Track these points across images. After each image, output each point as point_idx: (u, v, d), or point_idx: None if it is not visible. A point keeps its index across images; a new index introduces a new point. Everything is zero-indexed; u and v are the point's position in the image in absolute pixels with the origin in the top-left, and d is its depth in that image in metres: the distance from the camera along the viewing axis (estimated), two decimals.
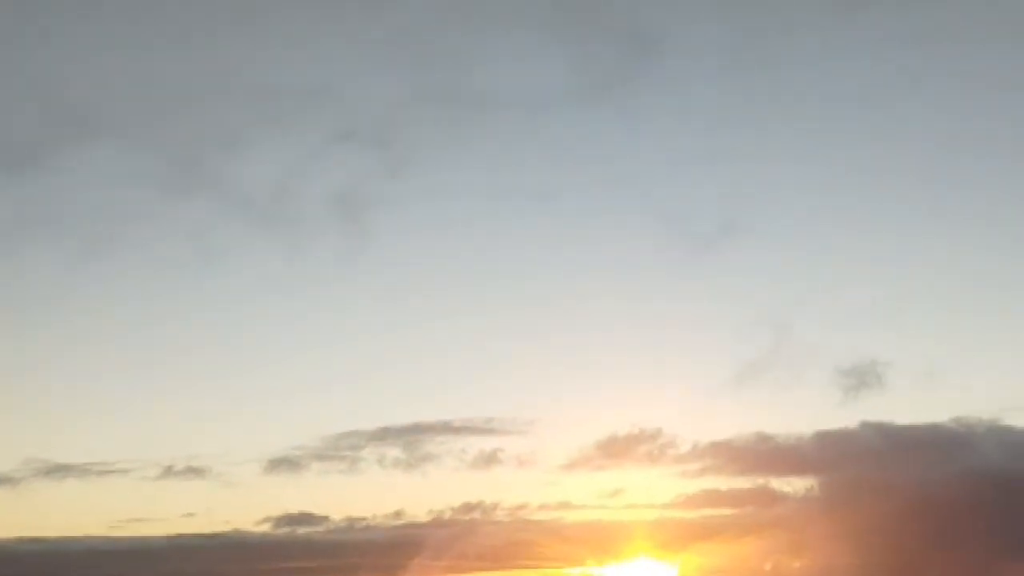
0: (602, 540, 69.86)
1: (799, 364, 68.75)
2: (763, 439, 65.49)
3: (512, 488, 74.05)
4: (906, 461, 58.16)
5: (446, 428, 75.57)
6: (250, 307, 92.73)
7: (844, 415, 75.46)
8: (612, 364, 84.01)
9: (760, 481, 65.00)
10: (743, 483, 65.75)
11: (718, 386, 76.02)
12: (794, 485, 63.86)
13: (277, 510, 76.07)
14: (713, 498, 66.85)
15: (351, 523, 76.42)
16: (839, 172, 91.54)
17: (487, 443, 76.45)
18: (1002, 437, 58.98)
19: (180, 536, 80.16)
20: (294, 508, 76.28)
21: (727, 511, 66.63)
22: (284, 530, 75.83)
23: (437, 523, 71.27)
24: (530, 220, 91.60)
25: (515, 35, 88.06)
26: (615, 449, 70.32)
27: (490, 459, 73.79)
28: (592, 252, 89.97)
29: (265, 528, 75.92)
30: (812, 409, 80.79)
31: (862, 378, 63.82)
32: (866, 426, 61.75)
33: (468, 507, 71.05)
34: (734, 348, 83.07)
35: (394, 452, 74.80)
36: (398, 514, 74.36)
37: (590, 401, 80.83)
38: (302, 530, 75.91)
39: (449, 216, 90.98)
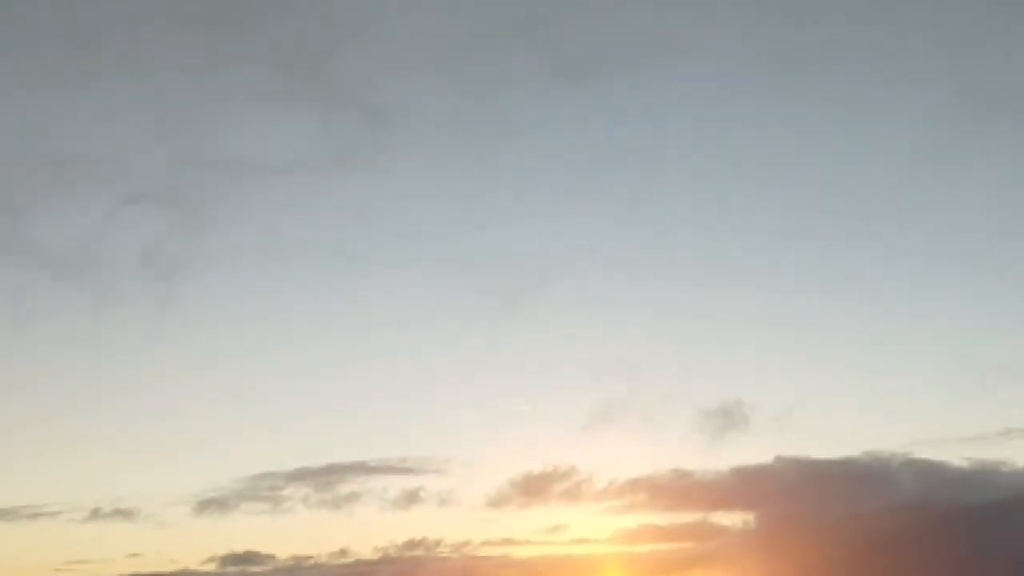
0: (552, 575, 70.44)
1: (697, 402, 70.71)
2: (682, 475, 65.80)
3: (449, 525, 74.64)
4: (830, 494, 58.29)
5: (362, 468, 76.05)
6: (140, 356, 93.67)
7: (760, 451, 75.72)
8: (508, 405, 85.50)
9: (699, 515, 64.60)
10: (684, 517, 65.47)
11: (620, 426, 75.27)
12: (732, 519, 63.66)
13: (219, 549, 76.45)
14: (655, 533, 66.53)
15: (298, 561, 76.03)
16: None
17: (406, 482, 76.46)
18: (918, 470, 59.68)
19: None
20: (237, 547, 76.53)
21: (670, 545, 66.54)
22: (232, 569, 75.96)
23: (385, 560, 71.39)
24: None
25: (266, 107, 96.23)
26: (535, 486, 70.86)
27: (412, 498, 74.21)
28: (403, 305, 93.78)
29: (212, 567, 76.09)
30: (727, 445, 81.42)
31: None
32: (781, 461, 61.86)
33: (412, 544, 71.26)
34: (619, 388, 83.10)
35: (317, 492, 75.82)
36: (344, 552, 74.16)
37: (500, 440, 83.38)
38: (252, 569, 76.01)
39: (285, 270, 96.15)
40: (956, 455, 63.67)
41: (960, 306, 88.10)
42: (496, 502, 71.11)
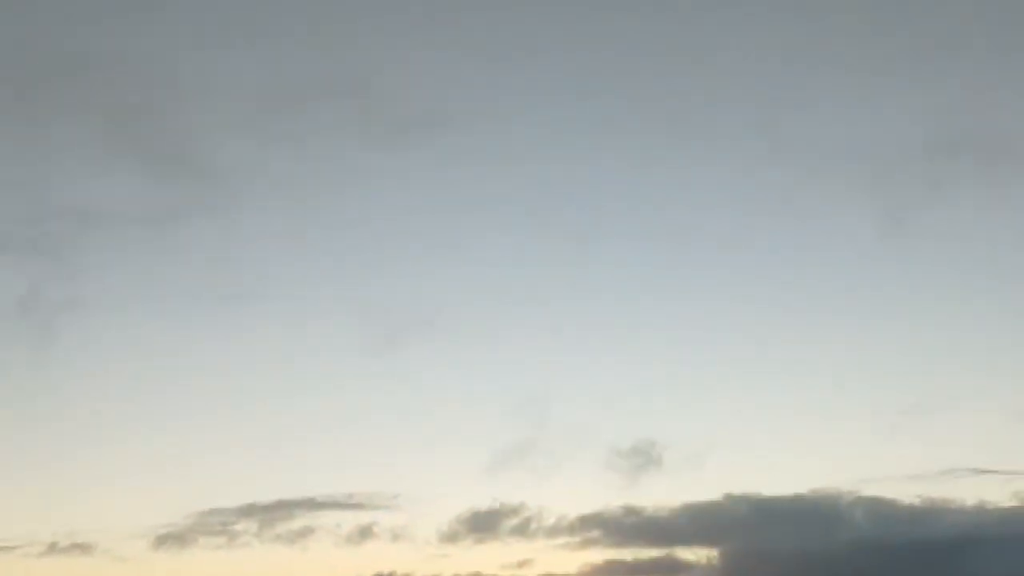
0: None
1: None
2: (632, 511, 67.32)
3: (406, 560, 74.12)
4: (786, 531, 60.26)
5: (310, 504, 76.84)
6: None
7: (706, 488, 77.80)
8: (449, 442, 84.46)
9: (663, 551, 65.63)
10: (647, 553, 66.36)
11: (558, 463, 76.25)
12: (697, 554, 64.61)
13: None
14: (622, 568, 67.29)
15: None
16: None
17: (357, 518, 76.73)
18: (869, 507, 61.62)
19: None
20: None
21: None
22: None
23: None
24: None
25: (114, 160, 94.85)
26: (487, 522, 71.86)
27: (365, 533, 74.98)
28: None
29: None
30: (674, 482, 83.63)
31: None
32: (730, 498, 63.74)
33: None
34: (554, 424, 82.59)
35: (269, 527, 76.33)
36: None
37: (444, 477, 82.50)
38: None
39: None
40: (904, 493, 64.92)
41: (894, 347, 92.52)
42: (451, 537, 71.97)
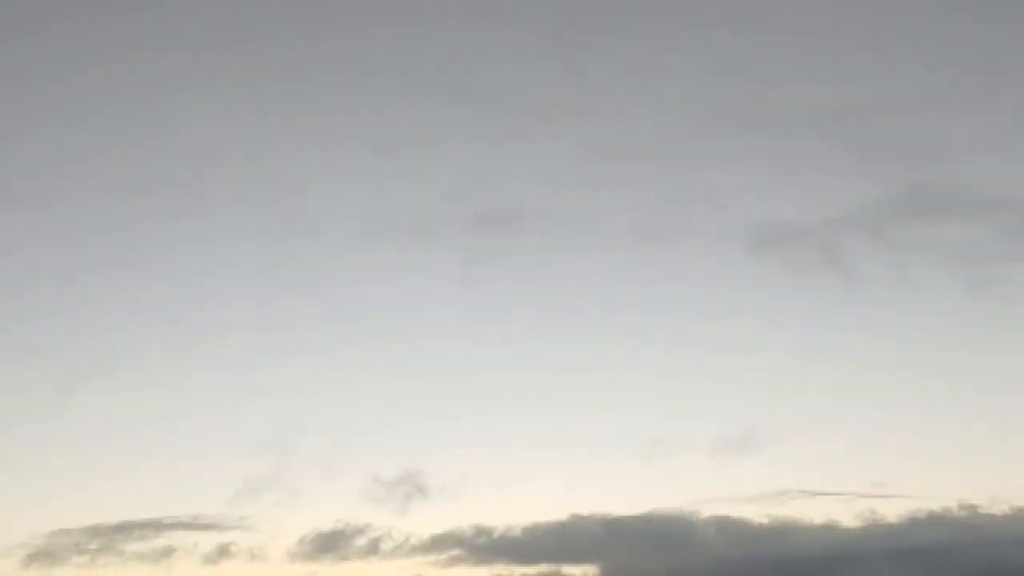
0: None
1: None
2: (482, 531, 69.13)
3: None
4: (638, 549, 62.59)
5: (157, 524, 77.33)
6: None
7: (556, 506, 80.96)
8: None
9: (544, 568, 66.21)
10: (528, 570, 67.13)
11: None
12: (582, 569, 65.26)
13: None
14: None
15: None
16: None
17: (211, 538, 77.20)
18: (720, 526, 63.58)
19: None
20: None
21: None
22: None
23: None
24: None
25: None
26: (341, 542, 72.91)
27: (223, 552, 75.33)
28: None
29: None
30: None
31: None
32: (576, 517, 65.89)
33: None
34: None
35: (128, 547, 76.16)
36: None
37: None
38: None
39: None
40: (750, 513, 66.47)
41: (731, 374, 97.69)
42: (309, 557, 72.01)
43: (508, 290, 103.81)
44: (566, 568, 65.34)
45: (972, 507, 60.88)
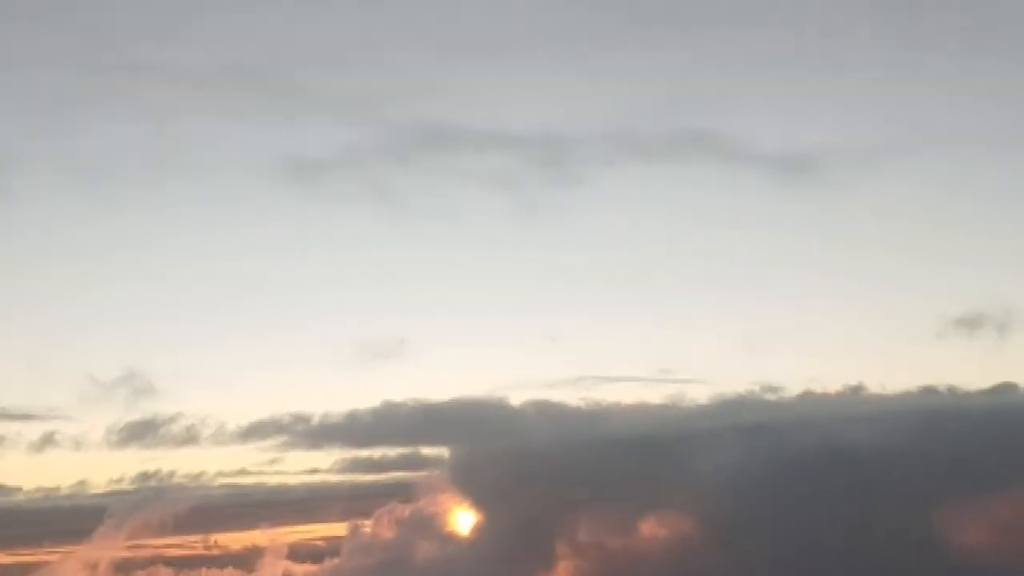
0: (287, 505, 77.68)
1: None
2: (300, 419, 70.86)
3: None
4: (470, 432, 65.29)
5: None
6: None
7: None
8: None
9: (409, 449, 69.97)
10: (398, 451, 70.35)
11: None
12: (440, 452, 69.15)
13: None
14: (370, 464, 71.66)
15: (47, 494, 79.91)
16: None
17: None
18: (541, 409, 66.32)
19: None
20: None
21: (389, 475, 72.53)
22: None
23: (121, 493, 74.07)
24: None
25: None
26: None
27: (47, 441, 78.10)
28: None
29: None
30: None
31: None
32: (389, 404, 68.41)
33: (145, 476, 73.70)
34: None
35: None
36: (83, 484, 77.95)
37: None
38: None
39: None
40: (566, 397, 71.90)
41: None
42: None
43: None
44: (424, 449, 68.79)
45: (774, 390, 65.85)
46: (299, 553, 72.90)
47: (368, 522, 68.75)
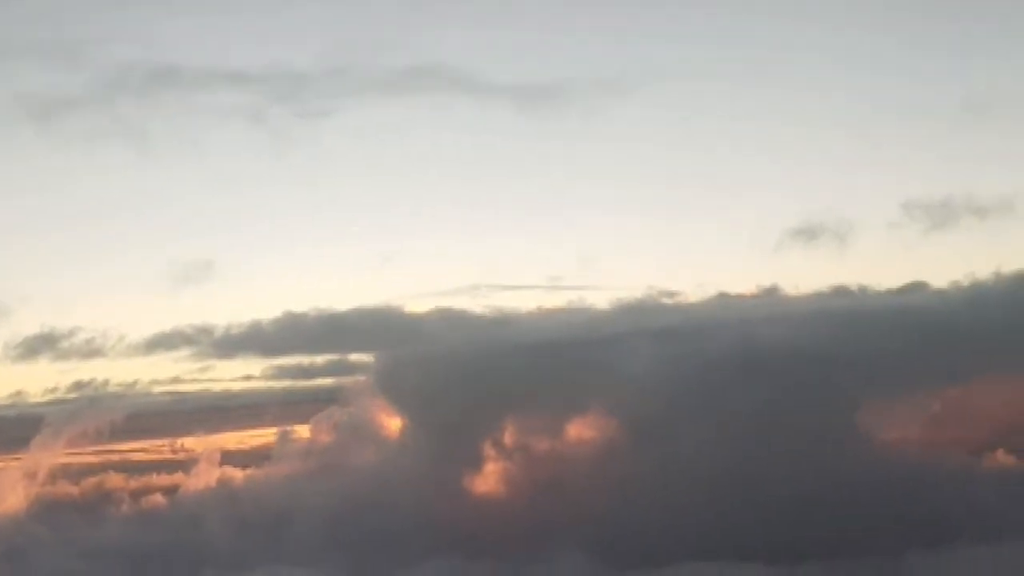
0: (218, 411, 78.45)
1: None
2: (204, 330, 71.86)
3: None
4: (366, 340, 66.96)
5: None
6: None
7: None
8: None
9: (335, 356, 70.25)
10: (322, 358, 70.69)
11: None
12: (365, 358, 68.97)
13: None
14: (298, 371, 72.05)
15: None
16: None
17: None
18: (450, 318, 67.09)
19: None
20: None
21: (314, 381, 72.63)
22: None
23: (58, 401, 74.29)
24: None
25: None
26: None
27: None
28: None
29: None
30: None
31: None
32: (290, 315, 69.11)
33: (80, 385, 73.91)
34: None
35: None
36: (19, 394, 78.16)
37: None
38: None
39: None
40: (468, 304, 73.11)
41: None
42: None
43: None
44: (352, 356, 68.88)
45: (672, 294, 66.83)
46: (233, 458, 73.74)
47: (300, 427, 69.66)
